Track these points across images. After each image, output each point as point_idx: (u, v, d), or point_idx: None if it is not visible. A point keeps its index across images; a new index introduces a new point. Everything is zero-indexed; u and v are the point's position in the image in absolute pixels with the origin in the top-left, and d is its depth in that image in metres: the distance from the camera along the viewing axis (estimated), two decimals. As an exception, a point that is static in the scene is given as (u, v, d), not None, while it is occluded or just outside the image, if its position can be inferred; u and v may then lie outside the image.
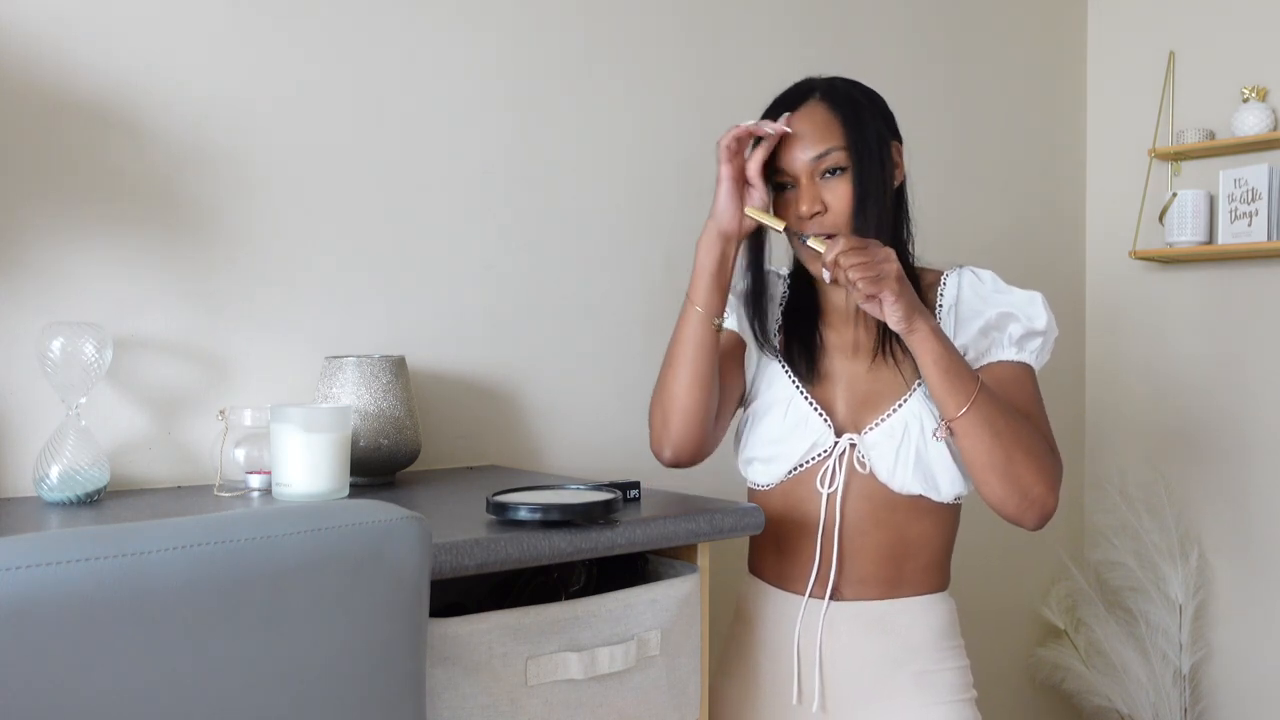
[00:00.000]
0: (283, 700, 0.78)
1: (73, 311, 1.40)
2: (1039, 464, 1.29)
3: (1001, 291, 1.40)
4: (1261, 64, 2.52)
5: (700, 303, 1.34)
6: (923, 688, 1.36)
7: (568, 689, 1.12)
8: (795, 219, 1.35)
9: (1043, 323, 1.37)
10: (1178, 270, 2.68)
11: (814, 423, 1.37)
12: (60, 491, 1.28)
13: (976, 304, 1.39)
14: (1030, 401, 1.36)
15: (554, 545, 1.11)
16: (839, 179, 1.34)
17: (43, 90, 1.39)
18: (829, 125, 1.35)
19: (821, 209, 1.34)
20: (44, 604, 0.68)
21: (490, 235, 1.78)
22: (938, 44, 2.49)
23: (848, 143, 1.34)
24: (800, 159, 1.35)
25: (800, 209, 1.34)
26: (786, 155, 1.36)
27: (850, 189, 1.34)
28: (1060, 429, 2.73)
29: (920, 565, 1.38)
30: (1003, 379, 1.36)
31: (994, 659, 2.59)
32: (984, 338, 1.37)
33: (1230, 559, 2.58)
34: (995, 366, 1.37)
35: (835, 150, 1.34)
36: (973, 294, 1.40)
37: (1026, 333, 1.37)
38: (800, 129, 1.35)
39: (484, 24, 1.78)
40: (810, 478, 1.37)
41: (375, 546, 0.84)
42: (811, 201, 1.34)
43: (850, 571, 1.37)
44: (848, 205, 1.34)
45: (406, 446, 1.46)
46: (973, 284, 1.41)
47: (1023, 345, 1.37)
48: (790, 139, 1.35)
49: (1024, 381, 1.37)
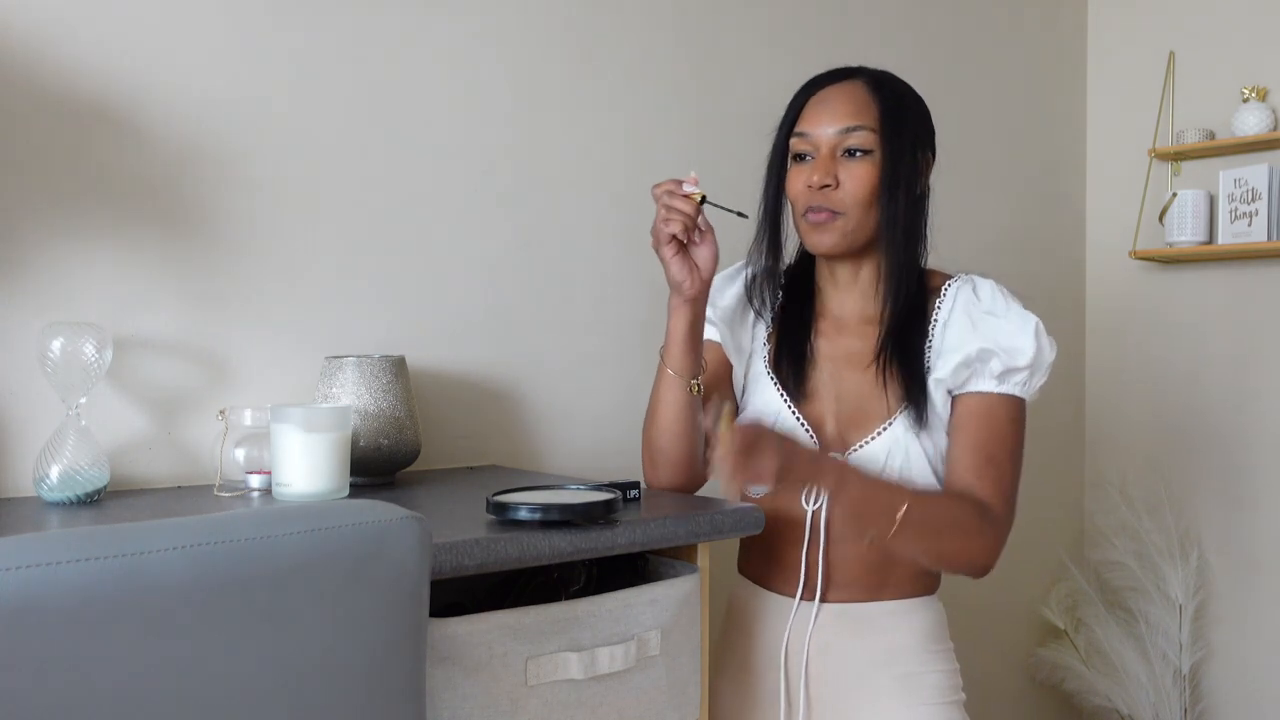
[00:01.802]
0: (282, 700, 0.78)
1: (73, 311, 1.40)
2: (973, 544, 1.28)
3: (993, 314, 1.34)
4: (1261, 64, 2.52)
5: (675, 368, 1.32)
6: (907, 689, 1.35)
7: (568, 689, 1.12)
8: (804, 188, 1.32)
9: (1026, 358, 1.31)
10: (1178, 270, 2.68)
11: (800, 438, 1.34)
12: (60, 491, 1.28)
13: (963, 331, 1.34)
14: (996, 440, 1.31)
15: (554, 545, 1.11)
16: (860, 161, 1.32)
17: (43, 90, 1.39)
18: (866, 105, 1.33)
19: (833, 184, 1.31)
20: (44, 604, 0.68)
21: (490, 235, 1.78)
22: (938, 44, 2.49)
23: (881, 127, 1.32)
24: (827, 129, 1.32)
25: (812, 178, 1.32)
26: (811, 120, 1.33)
27: (872, 174, 1.31)
28: (1060, 429, 2.76)
29: (906, 570, 1.37)
30: (974, 412, 1.32)
31: (994, 659, 2.59)
32: (964, 369, 1.33)
33: (1230, 559, 2.58)
34: (971, 398, 1.33)
35: (865, 130, 1.31)
36: (963, 315, 1.35)
37: (1006, 369, 1.32)
38: (835, 101, 1.33)
39: (485, 24, 1.78)
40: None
41: (375, 546, 0.84)
42: (825, 173, 1.31)
43: (835, 576, 1.37)
44: (863, 189, 1.31)
45: (406, 446, 1.46)
46: (967, 303, 1.36)
47: (1004, 379, 1.32)
48: (818, 107, 1.33)
49: (995, 417, 1.32)
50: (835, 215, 1.33)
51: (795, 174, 1.35)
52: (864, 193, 1.32)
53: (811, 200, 1.33)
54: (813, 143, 1.33)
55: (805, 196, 1.34)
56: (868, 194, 1.32)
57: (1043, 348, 1.33)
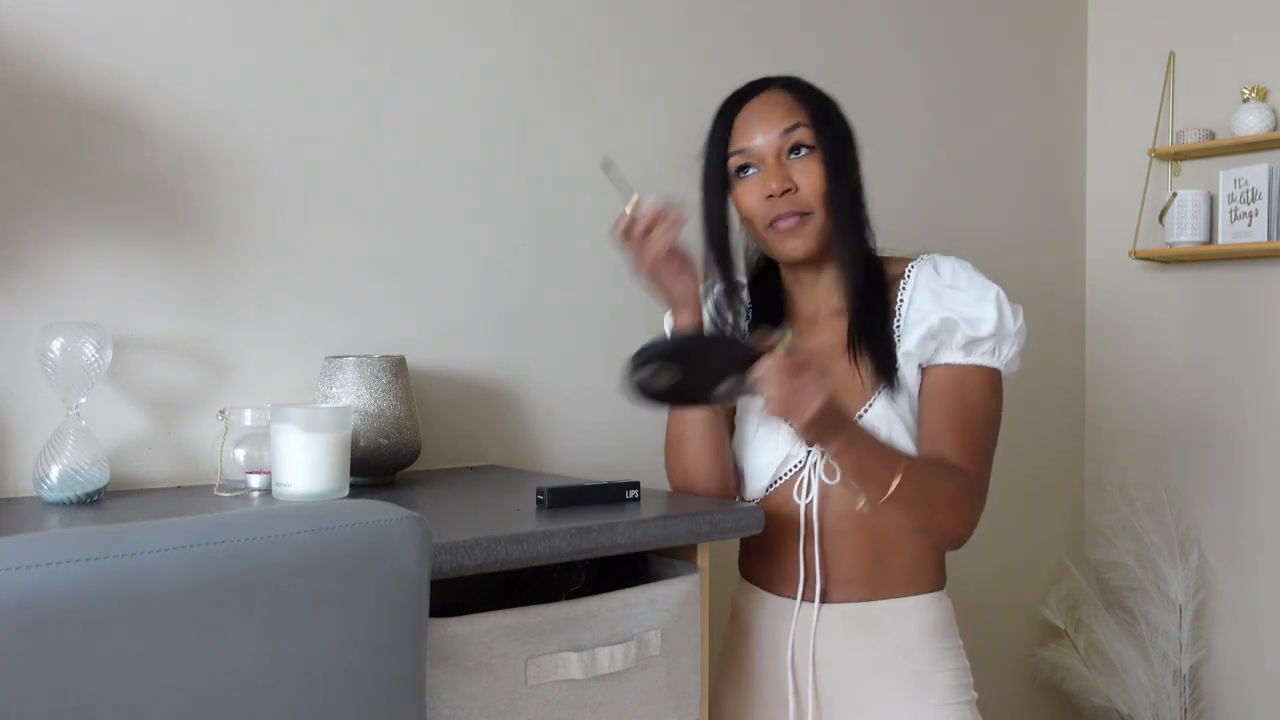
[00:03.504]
0: (282, 700, 0.78)
1: (73, 311, 1.40)
2: (959, 513, 1.30)
3: (954, 288, 1.35)
4: (1261, 64, 2.52)
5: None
6: (919, 689, 1.35)
7: (568, 689, 1.12)
8: (762, 200, 1.33)
9: (989, 326, 1.32)
10: (1178, 270, 2.68)
11: (784, 435, 1.35)
12: (60, 491, 1.28)
13: (925, 305, 1.35)
14: (966, 410, 1.32)
15: (554, 545, 1.11)
16: (807, 158, 1.33)
17: (43, 90, 1.39)
18: (793, 106, 1.35)
19: (792, 187, 1.32)
20: (44, 604, 0.68)
21: (490, 235, 1.78)
22: (938, 44, 2.49)
23: (813, 122, 1.34)
24: (765, 136, 1.33)
25: (770, 185, 1.32)
26: (746, 135, 1.35)
27: (820, 167, 1.33)
28: (1060, 429, 2.77)
29: (905, 563, 1.37)
30: (943, 383, 1.33)
31: (994, 659, 2.59)
32: (931, 341, 1.34)
33: (1230, 559, 2.58)
34: (940, 370, 1.34)
35: (802, 126, 1.33)
36: (926, 291, 1.36)
37: (969, 340, 1.32)
38: (764, 109, 1.35)
39: (485, 24, 1.78)
40: (789, 487, 1.38)
41: (375, 546, 0.84)
42: (782, 179, 1.32)
43: (835, 574, 1.37)
44: (819, 183, 1.32)
45: (406, 446, 1.46)
46: (929, 280, 1.37)
47: (970, 350, 1.33)
48: (751, 119, 1.34)
49: (965, 388, 1.33)
50: (804, 217, 1.34)
51: (746, 189, 1.36)
52: (822, 188, 1.33)
53: (775, 209, 1.34)
54: (755, 154, 1.35)
55: (767, 207, 1.34)
56: (824, 190, 1.33)
57: (1005, 316, 1.33)
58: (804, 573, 1.36)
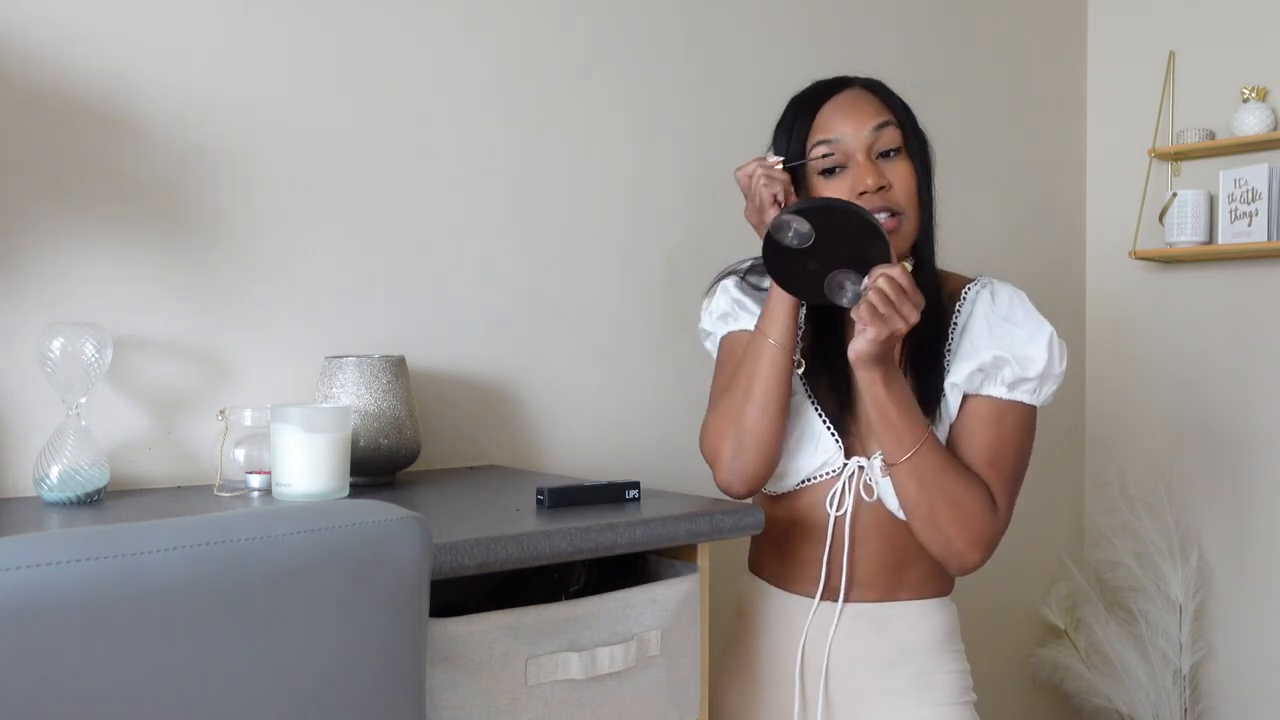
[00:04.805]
0: (282, 700, 0.78)
1: (73, 311, 1.40)
2: (966, 523, 1.28)
3: (1009, 321, 1.34)
4: (1261, 64, 2.52)
5: (778, 338, 1.31)
6: (920, 689, 1.36)
7: (568, 689, 1.12)
8: (854, 196, 1.29)
9: (1038, 368, 1.31)
10: (1178, 270, 2.68)
11: (826, 442, 1.35)
12: (60, 491, 1.28)
13: (979, 338, 1.34)
14: (1001, 444, 1.32)
15: (554, 545, 1.11)
16: (897, 160, 1.32)
17: (43, 90, 1.39)
18: (879, 106, 1.34)
19: (887, 184, 1.30)
20: (44, 604, 0.68)
21: (490, 235, 1.78)
22: (938, 44, 2.49)
23: (901, 123, 1.33)
24: (857, 133, 1.31)
25: (865, 181, 1.29)
26: (832, 127, 1.32)
27: (911, 169, 1.32)
28: (1060, 429, 2.76)
29: (920, 572, 1.37)
30: (983, 416, 1.32)
31: (994, 659, 2.59)
32: (978, 375, 1.33)
33: (1230, 559, 2.58)
34: (981, 402, 1.33)
35: (891, 125, 1.32)
36: (982, 321, 1.35)
37: (1017, 378, 1.32)
38: (854, 104, 1.32)
39: (485, 24, 1.78)
40: (817, 490, 1.36)
41: (375, 546, 0.84)
42: (877, 175, 1.30)
43: (852, 576, 1.36)
44: (912, 185, 1.31)
45: (406, 446, 1.46)
46: (985, 309, 1.36)
47: (1015, 387, 1.32)
48: (839, 114, 1.32)
49: (1004, 423, 1.32)
50: (897, 216, 1.31)
51: (834, 186, 1.32)
52: (914, 190, 1.32)
53: (870, 206, 1.30)
54: (845, 149, 1.32)
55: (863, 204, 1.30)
56: (916, 192, 1.32)
57: (1054, 358, 1.33)
58: (826, 577, 1.36)
